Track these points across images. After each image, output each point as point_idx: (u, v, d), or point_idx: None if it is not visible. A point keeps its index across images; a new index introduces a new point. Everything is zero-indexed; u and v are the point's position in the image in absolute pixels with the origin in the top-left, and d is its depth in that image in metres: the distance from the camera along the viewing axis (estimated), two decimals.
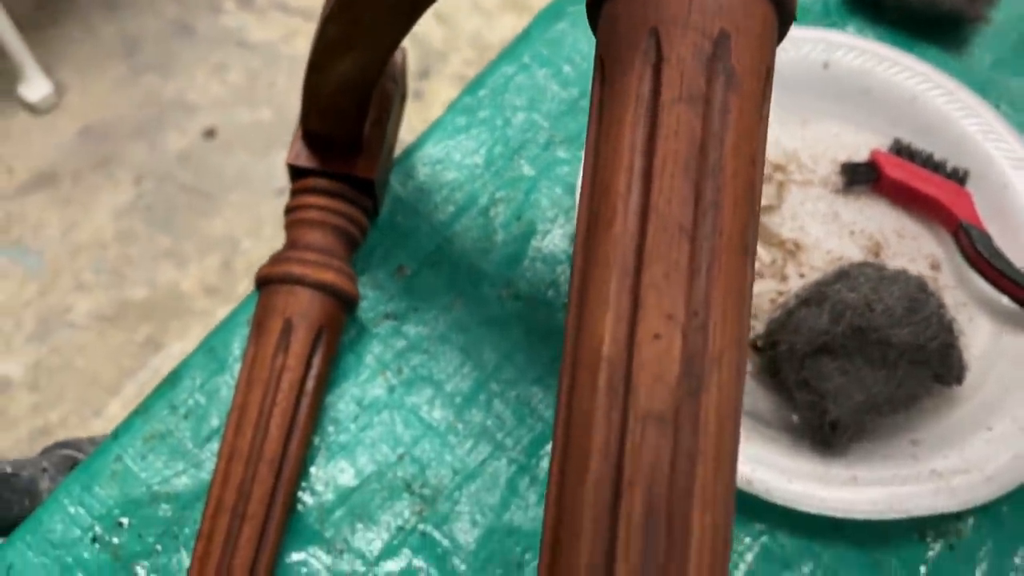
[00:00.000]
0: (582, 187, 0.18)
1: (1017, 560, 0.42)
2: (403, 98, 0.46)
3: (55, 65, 1.49)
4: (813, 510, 0.40)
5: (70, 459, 0.45)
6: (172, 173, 1.44)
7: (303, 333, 0.39)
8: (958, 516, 0.43)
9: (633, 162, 0.17)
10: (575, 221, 0.39)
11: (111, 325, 1.31)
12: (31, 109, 1.45)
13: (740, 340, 0.17)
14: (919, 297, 0.42)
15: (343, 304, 0.41)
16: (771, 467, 0.41)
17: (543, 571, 0.16)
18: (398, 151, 0.48)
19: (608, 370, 0.16)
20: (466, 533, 0.41)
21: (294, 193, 0.42)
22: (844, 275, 0.43)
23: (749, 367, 0.45)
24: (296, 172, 0.42)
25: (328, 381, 0.42)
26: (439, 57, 1.50)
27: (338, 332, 0.41)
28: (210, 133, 1.48)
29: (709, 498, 0.15)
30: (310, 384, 0.39)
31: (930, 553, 0.42)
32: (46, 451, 0.45)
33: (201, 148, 1.47)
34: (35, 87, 1.43)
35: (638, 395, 0.16)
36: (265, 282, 0.40)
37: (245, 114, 1.51)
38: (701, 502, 0.15)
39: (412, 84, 0.38)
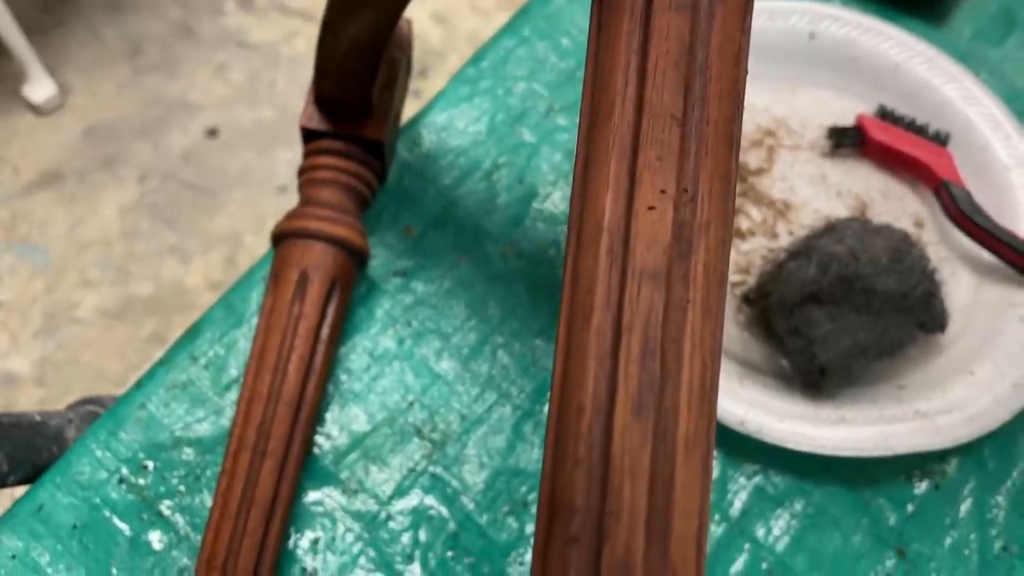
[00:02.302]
0: (584, 89, 0.21)
1: (999, 498, 0.44)
2: (408, 66, 0.49)
3: (60, 67, 1.52)
4: (803, 448, 0.42)
5: (94, 413, 0.47)
6: (176, 171, 1.46)
7: (318, 284, 0.41)
8: (942, 458, 0.45)
9: (629, 62, 0.20)
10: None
11: (117, 320, 1.33)
12: (36, 110, 1.47)
13: (725, 214, 0.19)
14: (902, 248, 0.44)
15: (355, 258, 0.43)
16: (763, 408, 0.43)
17: (554, 408, 0.18)
18: (404, 120, 0.51)
19: (608, 238, 0.18)
20: (474, 474, 0.43)
21: (307, 155, 0.45)
22: (831, 229, 0.45)
23: (741, 319, 0.47)
24: (308, 135, 0.44)
25: (341, 332, 0.44)
26: (437, 56, 1.53)
27: (350, 284, 0.43)
28: (212, 132, 1.50)
29: (698, 340, 0.17)
30: (325, 332, 0.42)
31: (916, 492, 0.44)
32: (72, 406, 0.47)
33: (204, 147, 1.49)
34: (40, 88, 1.45)
35: (635, 256, 0.18)
36: (281, 237, 0.43)
37: (247, 113, 1.53)
38: (691, 344, 0.17)
39: (411, 83, 0.40)
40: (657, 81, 0.19)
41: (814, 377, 0.44)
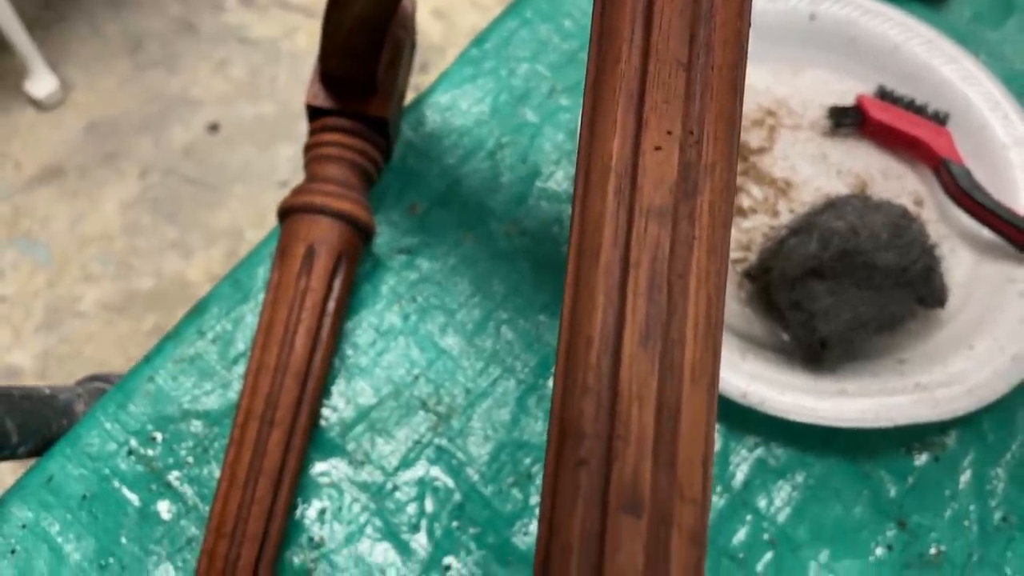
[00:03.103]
0: (591, 38, 0.21)
1: (998, 470, 0.45)
2: (412, 47, 0.49)
3: (61, 62, 1.52)
4: (804, 419, 0.42)
5: (102, 390, 0.47)
6: (177, 167, 1.46)
7: (324, 258, 0.42)
8: (942, 430, 0.45)
9: (635, 10, 0.20)
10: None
11: (118, 315, 1.34)
12: (38, 105, 1.48)
13: (730, 157, 0.19)
14: (902, 223, 0.45)
15: (360, 233, 0.44)
16: (765, 381, 0.43)
17: (563, 342, 0.18)
18: (407, 101, 0.51)
19: (616, 178, 0.19)
20: (479, 447, 0.43)
21: (312, 132, 0.45)
22: (831, 206, 0.46)
23: (742, 295, 0.47)
24: (314, 112, 0.45)
25: (347, 307, 0.45)
26: (437, 52, 1.53)
27: (356, 259, 0.44)
28: (214, 127, 1.51)
29: (703, 276, 0.18)
30: (331, 305, 0.42)
31: (916, 464, 0.45)
32: (80, 382, 0.48)
33: (205, 142, 1.50)
34: (42, 84, 1.46)
35: (642, 195, 0.18)
36: (287, 212, 0.43)
37: (248, 109, 1.53)
38: (697, 279, 0.18)
39: (411, 79, 0.40)
40: (663, 28, 0.20)
41: (815, 350, 0.44)
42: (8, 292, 1.34)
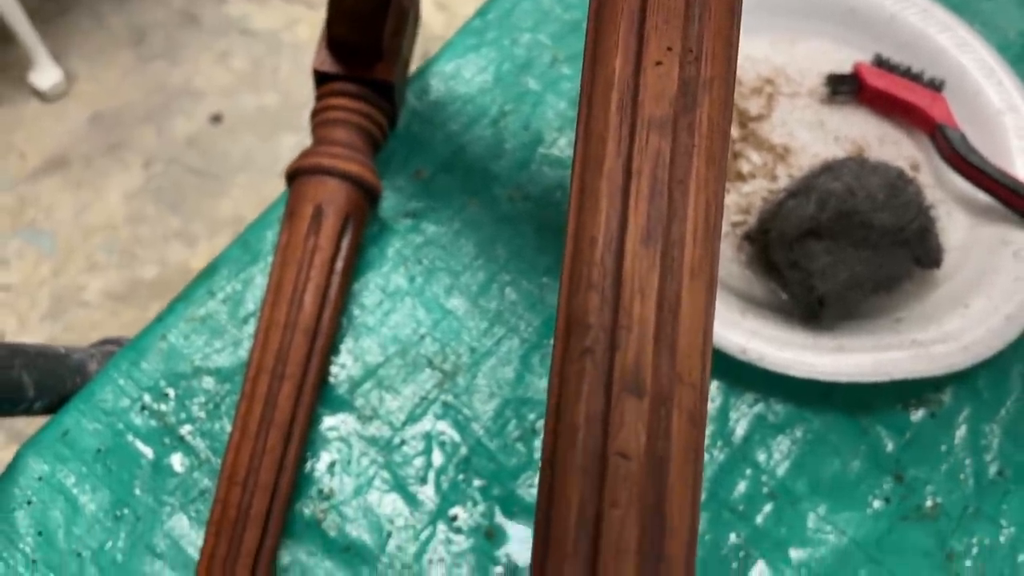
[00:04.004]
0: None
1: (993, 426, 0.46)
2: (417, 18, 0.50)
3: (65, 54, 1.53)
4: (803, 374, 0.43)
5: (114, 353, 0.48)
6: (180, 157, 1.47)
7: (332, 218, 0.43)
8: (938, 388, 0.46)
9: None
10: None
11: (123, 303, 1.35)
12: (42, 96, 1.49)
13: (727, 76, 0.20)
14: (898, 184, 0.45)
15: (367, 195, 0.44)
16: (764, 338, 0.44)
17: (569, 246, 0.19)
18: (412, 71, 0.52)
19: (619, 94, 0.20)
20: (484, 403, 0.44)
21: (319, 97, 0.46)
22: (828, 168, 0.47)
23: (742, 258, 0.48)
24: (321, 78, 0.46)
25: (355, 268, 0.46)
26: (439, 42, 1.54)
27: (363, 221, 0.45)
28: (216, 118, 1.51)
29: (702, 183, 0.19)
30: (339, 264, 0.43)
31: (913, 420, 0.46)
32: (93, 345, 0.49)
33: (208, 132, 1.51)
34: (46, 75, 1.47)
35: (643, 108, 0.19)
36: (295, 175, 0.44)
37: (250, 99, 1.54)
38: (696, 185, 0.19)
39: (412, 69, 0.42)
40: None
41: (813, 308, 0.45)
42: (13, 281, 1.34)
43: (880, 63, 0.53)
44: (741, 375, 0.45)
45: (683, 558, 0.16)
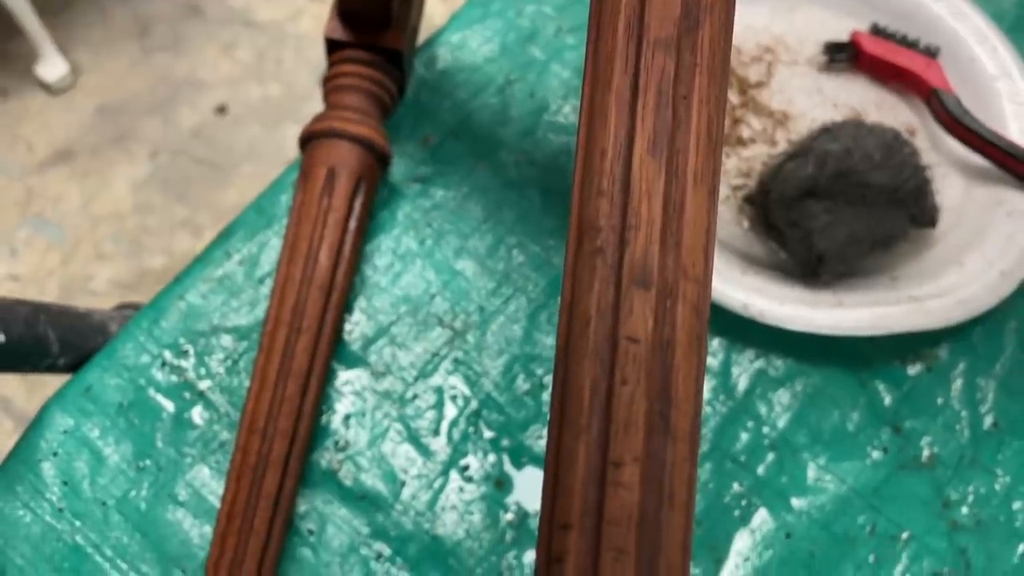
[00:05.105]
0: None
1: (988, 380, 0.47)
2: None
3: (71, 47, 1.55)
4: (802, 328, 0.45)
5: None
6: (186, 147, 1.49)
7: (345, 180, 0.44)
8: (934, 342, 0.48)
9: None
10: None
11: (131, 292, 1.36)
12: (49, 89, 1.50)
13: (727, 3, 0.21)
14: (894, 145, 0.47)
15: (378, 158, 0.46)
16: (764, 294, 0.46)
17: (579, 159, 0.20)
18: (419, 42, 0.53)
19: (625, 18, 0.21)
20: (493, 359, 0.45)
21: (331, 64, 0.47)
22: (826, 131, 0.48)
23: (743, 220, 0.50)
24: (333, 45, 0.47)
25: (367, 230, 0.47)
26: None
27: (374, 183, 0.46)
28: (221, 109, 1.53)
29: (704, 97, 0.20)
30: (352, 224, 0.44)
31: (910, 374, 0.47)
32: (113, 309, 0.50)
33: (213, 123, 1.52)
34: (52, 68, 1.48)
35: (649, 30, 0.21)
36: (308, 139, 0.45)
37: (255, 90, 1.56)
38: (699, 99, 0.20)
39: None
40: None
41: (813, 265, 0.47)
42: (22, 271, 1.36)
43: (877, 31, 0.54)
44: (743, 332, 0.47)
45: (688, 433, 0.17)
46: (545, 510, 0.18)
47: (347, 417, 0.43)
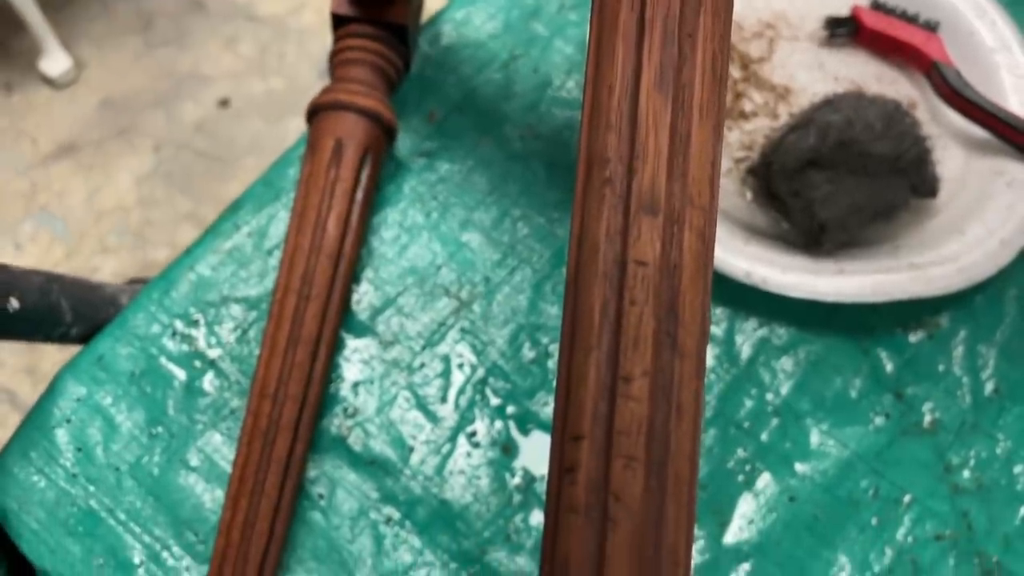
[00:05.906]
0: None
1: (989, 347, 0.47)
2: None
3: (74, 41, 1.55)
4: (805, 295, 0.45)
5: None
6: (189, 141, 1.49)
7: (352, 151, 0.45)
8: (936, 310, 0.48)
9: None
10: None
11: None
12: (52, 83, 1.51)
13: None
14: (895, 115, 0.47)
15: (384, 130, 0.46)
16: (767, 262, 0.46)
17: (588, 95, 0.21)
18: (424, 19, 0.54)
19: None
20: (499, 328, 0.46)
21: (338, 39, 0.48)
22: (828, 102, 0.48)
23: (746, 191, 0.50)
24: (339, 20, 0.48)
25: (373, 202, 0.48)
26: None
27: (381, 156, 0.47)
28: (224, 103, 1.53)
29: (709, 35, 0.21)
30: (360, 195, 0.45)
31: (912, 341, 0.47)
32: (123, 284, 0.51)
33: (216, 117, 1.53)
34: (56, 62, 1.49)
35: None
36: (315, 111, 0.46)
37: (257, 84, 1.56)
38: (703, 36, 0.20)
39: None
40: None
41: (815, 234, 0.47)
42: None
43: (877, 6, 0.55)
44: (746, 301, 0.47)
45: (695, 351, 0.18)
46: (557, 425, 0.18)
47: (356, 385, 0.44)
